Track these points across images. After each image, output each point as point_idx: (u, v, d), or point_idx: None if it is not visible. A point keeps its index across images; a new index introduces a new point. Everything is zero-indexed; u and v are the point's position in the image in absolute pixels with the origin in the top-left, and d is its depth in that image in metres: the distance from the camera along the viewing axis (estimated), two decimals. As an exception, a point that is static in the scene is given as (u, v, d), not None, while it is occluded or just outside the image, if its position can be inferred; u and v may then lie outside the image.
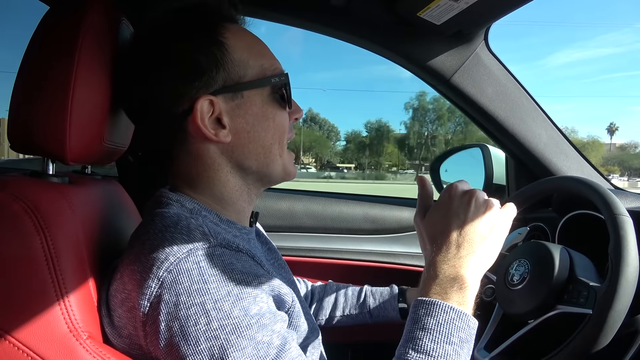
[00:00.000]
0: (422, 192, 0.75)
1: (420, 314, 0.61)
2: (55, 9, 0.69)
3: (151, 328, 0.56)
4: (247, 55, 0.70)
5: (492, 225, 0.68)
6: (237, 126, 0.69)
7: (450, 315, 0.60)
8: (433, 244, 0.67)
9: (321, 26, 1.17)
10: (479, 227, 0.66)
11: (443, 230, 0.67)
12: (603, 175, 1.29)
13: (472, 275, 0.64)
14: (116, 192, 0.90)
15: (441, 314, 0.60)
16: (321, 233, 1.47)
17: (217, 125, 0.69)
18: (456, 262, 0.64)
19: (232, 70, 0.68)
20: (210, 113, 0.68)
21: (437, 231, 0.67)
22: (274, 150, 0.72)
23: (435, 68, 1.14)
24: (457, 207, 0.68)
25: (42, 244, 0.58)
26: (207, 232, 0.60)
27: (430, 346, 0.58)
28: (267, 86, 0.71)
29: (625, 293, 0.72)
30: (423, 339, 0.59)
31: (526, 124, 1.20)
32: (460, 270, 0.63)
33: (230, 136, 0.69)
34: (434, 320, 0.59)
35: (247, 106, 0.69)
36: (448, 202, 0.69)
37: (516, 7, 0.98)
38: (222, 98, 0.68)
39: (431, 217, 0.71)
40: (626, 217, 0.77)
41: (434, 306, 0.61)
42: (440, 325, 0.59)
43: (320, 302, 1.07)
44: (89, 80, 0.66)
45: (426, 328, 0.59)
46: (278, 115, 0.72)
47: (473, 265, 0.64)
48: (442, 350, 0.58)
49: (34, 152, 0.67)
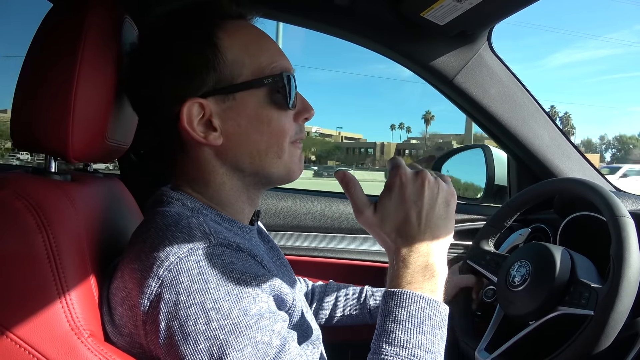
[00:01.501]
0: (349, 189, 0.67)
1: (391, 306, 0.60)
2: (58, 6, 0.69)
3: (151, 327, 0.56)
4: (243, 54, 0.68)
5: (447, 202, 0.66)
6: (229, 129, 0.68)
7: (420, 304, 0.60)
8: (397, 236, 0.64)
9: (325, 25, 1.17)
10: (436, 209, 0.65)
11: (405, 220, 0.64)
12: (605, 177, 1.28)
13: (439, 260, 0.64)
14: (118, 190, 0.90)
15: (411, 304, 0.60)
16: (322, 232, 1.46)
17: (207, 128, 0.67)
18: (424, 250, 0.63)
19: (224, 71, 0.66)
20: (201, 115, 0.67)
21: (399, 221, 0.64)
22: (270, 153, 0.70)
23: (438, 68, 1.14)
24: (412, 192, 0.64)
25: (44, 242, 0.58)
26: (207, 231, 0.60)
27: (403, 338, 0.58)
28: (263, 87, 0.68)
29: (626, 294, 0.72)
30: (396, 332, 0.58)
31: (528, 125, 1.20)
32: (429, 259, 0.63)
33: (221, 139, 0.68)
34: (404, 312, 0.59)
35: (240, 108, 0.67)
36: (401, 189, 0.64)
37: (520, 8, 0.98)
38: (213, 100, 0.67)
39: (386, 208, 0.65)
40: (628, 219, 0.77)
41: (403, 296, 0.60)
42: (411, 315, 0.59)
43: (321, 302, 1.07)
44: (91, 78, 0.66)
45: (398, 320, 0.59)
46: (276, 118, 0.69)
47: (439, 249, 0.64)
48: (415, 341, 0.58)
49: (37, 150, 0.67)
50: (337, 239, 1.46)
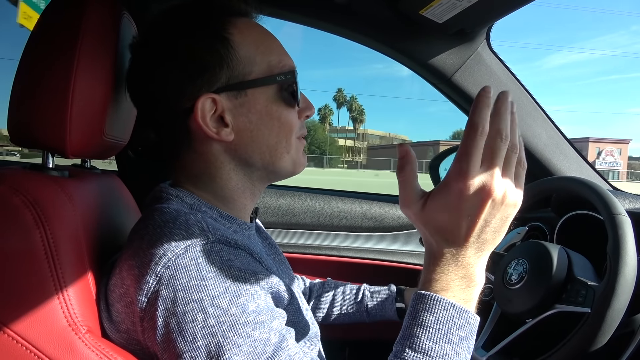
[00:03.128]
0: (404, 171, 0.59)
1: (419, 309, 0.57)
2: (57, 2, 0.68)
3: (149, 324, 0.56)
4: (254, 52, 0.68)
5: (505, 217, 0.59)
6: (240, 125, 0.68)
7: (450, 312, 0.56)
8: (441, 240, 0.59)
9: (323, 23, 1.17)
10: (492, 224, 0.58)
11: (453, 228, 0.58)
12: (602, 176, 1.29)
13: (480, 271, 0.59)
14: (116, 186, 0.90)
15: (441, 311, 0.56)
16: (320, 230, 1.47)
17: (219, 124, 0.68)
18: (467, 261, 0.58)
19: (236, 67, 0.67)
20: (213, 111, 0.67)
21: (446, 227, 0.58)
22: (279, 149, 0.71)
23: (436, 66, 1.14)
24: (470, 206, 0.56)
25: (41, 238, 0.57)
26: (205, 228, 0.60)
27: (428, 345, 0.55)
28: (273, 84, 0.69)
29: (623, 292, 0.73)
30: (421, 337, 0.55)
31: (526, 124, 1.20)
32: (469, 269, 0.58)
33: (233, 135, 0.68)
34: (433, 317, 0.56)
35: (251, 104, 0.68)
36: (459, 197, 0.56)
37: (518, 6, 0.98)
38: (225, 96, 0.67)
39: (435, 210, 0.58)
40: (625, 217, 0.78)
41: (433, 302, 0.57)
42: (439, 323, 0.56)
43: (318, 300, 1.07)
44: (89, 74, 0.66)
45: (424, 325, 0.56)
46: (284, 114, 0.70)
47: (482, 261, 0.59)
48: (440, 350, 0.55)
49: (34, 146, 0.67)
50: (335, 236, 1.46)
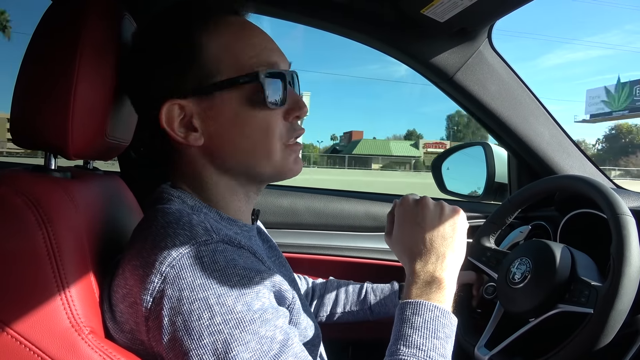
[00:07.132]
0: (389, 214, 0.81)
1: (407, 314, 0.65)
2: (58, 3, 0.68)
3: (154, 323, 0.56)
4: (222, 52, 0.65)
5: (453, 225, 0.73)
6: (210, 129, 0.67)
7: (435, 313, 0.65)
8: (408, 254, 0.72)
9: (324, 22, 1.17)
10: (440, 230, 0.71)
11: (412, 243, 0.72)
12: (605, 175, 1.28)
13: (447, 275, 0.69)
14: (118, 187, 0.90)
15: (427, 313, 0.65)
16: (322, 230, 1.46)
17: (187, 129, 0.67)
18: (430, 267, 0.69)
19: (203, 70, 0.65)
20: (182, 116, 0.66)
21: (408, 244, 0.73)
22: (257, 154, 0.68)
23: (438, 65, 1.14)
24: (414, 216, 0.73)
25: (44, 238, 0.57)
26: (209, 228, 0.60)
27: (420, 341, 0.62)
28: (241, 86, 0.65)
29: (626, 292, 0.72)
30: (413, 336, 0.63)
31: (529, 122, 1.20)
32: (435, 273, 0.69)
33: (202, 139, 0.67)
34: (420, 319, 0.64)
35: (219, 108, 0.66)
36: (404, 215, 0.75)
37: (520, 5, 0.98)
38: (193, 100, 0.66)
39: (397, 234, 0.76)
40: (629, 217, 0.77)
41: (419, 306, 0.65)
42: (427, 322, 0.64)
43: (321, 299, 1.07)
44: (91, 74, 0.66)
45: (414, 326, 0.64)
46: (259, 117, 0.66)
47: (446, 266, 0.70)
48: (430, 344, 0.62)
49: (36, 147, 0.67)
50: (337, 236, 1.46)
